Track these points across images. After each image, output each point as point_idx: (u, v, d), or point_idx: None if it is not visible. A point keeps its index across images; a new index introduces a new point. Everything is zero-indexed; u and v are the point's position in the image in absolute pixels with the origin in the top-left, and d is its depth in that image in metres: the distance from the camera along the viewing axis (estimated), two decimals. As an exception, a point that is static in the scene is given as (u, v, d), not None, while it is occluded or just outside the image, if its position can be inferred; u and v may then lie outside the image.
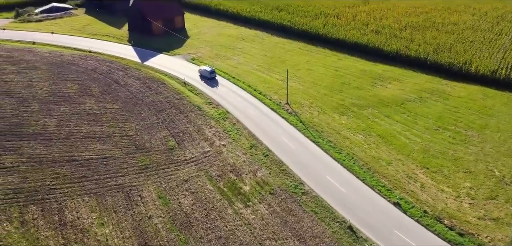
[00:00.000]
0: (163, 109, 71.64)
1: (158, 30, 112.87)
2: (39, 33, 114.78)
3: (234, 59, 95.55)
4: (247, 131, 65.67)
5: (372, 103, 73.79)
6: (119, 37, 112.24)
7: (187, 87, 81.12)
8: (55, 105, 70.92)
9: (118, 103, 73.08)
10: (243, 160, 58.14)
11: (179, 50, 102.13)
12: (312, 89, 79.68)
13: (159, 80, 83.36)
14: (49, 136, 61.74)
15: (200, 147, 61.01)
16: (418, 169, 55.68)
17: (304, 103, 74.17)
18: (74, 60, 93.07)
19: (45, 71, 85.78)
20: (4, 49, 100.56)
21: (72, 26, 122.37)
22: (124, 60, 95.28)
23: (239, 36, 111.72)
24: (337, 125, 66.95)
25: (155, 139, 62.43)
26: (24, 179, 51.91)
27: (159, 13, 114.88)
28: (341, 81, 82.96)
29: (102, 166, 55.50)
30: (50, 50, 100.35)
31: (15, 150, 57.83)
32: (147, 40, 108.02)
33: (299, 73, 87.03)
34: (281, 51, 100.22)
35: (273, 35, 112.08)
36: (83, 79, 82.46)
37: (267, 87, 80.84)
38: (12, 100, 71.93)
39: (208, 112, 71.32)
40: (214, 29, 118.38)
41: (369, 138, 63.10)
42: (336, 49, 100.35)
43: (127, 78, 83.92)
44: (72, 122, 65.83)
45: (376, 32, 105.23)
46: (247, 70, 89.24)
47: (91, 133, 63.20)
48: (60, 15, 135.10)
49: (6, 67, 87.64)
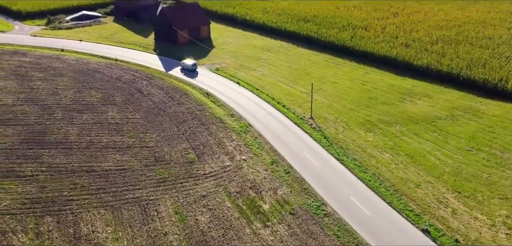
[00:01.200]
0: (185, 120, 70.64)
1: (183, 39, 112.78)
2: (68, 41, 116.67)
3: (259, 70, 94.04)
4: (269, 146, 63.76)
5: (401, 120, 70.62)
6: (145, 46, 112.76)
7: (210, 99, 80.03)
8: (77, 114, 71.04)
9: (140, 113, 72.61)
10: (264, 176, 56.21)
11: (204, 60, 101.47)
12: (337, 103, 77.16)
13: (182, 91, 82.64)
14: (69, 144, 61.59)
15: (220, 161, 59.49)
16: (449, 193, 52.32)
17: (329, 118, 71.74)
18: (100, 68, 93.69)
19: (71, 79, 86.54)
20: (33, 56, 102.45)
21: (100, 34, 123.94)
22: (149, 69, 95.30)
23: (265, 47, 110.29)
24: (363, 142, 64.20)
25: (175, 151, 61.33)
26: (42, 189, 51.59)
27: (185, 22, 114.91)
28: (368, 96, 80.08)
29: (120, 177, 54.69)
30: (77, 58, 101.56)
31: (36, 158, 57.81)
32: (172, 49, 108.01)
33: (324, 86, 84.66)
34: (307, 63, 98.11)
35: (299, 46, 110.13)
36: (107, 87, 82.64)
37: (291, 100, 78.83)
38: (36, 108, 72.53)
39: (230, 125, 69.85)
40: (240, 39, 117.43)
41: (397, 157, 60.07)
42: (364, 62, 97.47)
43: (151, 87, 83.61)
44: (93, 131, 65.60)
45: (406, 46, 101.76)
46: (271, 82, 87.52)
47: (111, 143, 62.69)
48: (90, 23, 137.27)
49: (34, 74, 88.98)
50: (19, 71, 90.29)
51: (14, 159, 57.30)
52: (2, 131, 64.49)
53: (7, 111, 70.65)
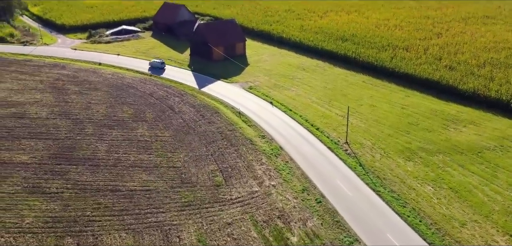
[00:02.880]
0: (214, 140, 68.64)
1: (218, 56, 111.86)
2: (106, 55, 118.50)
3: (293, 90, 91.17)
4: (300, 171, 60.48)
5: (444, 149, 65.56)
6: (180, 62, 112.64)
7: (241, 118, 77.82)
8: (108, 130, 70.59)
9: (169, 131, 71.32)
10: (293, 205, 52.94)
11: (237, 77, 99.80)
12: (374, 128, 72.94)
13: (214, 109, 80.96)
14: (97, 161, 60.82)
15: (248, 185, 56.78)
16: (499, 235, 47.10)
17: (365, 144, 67.66)
18: (134, 84, 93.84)
19: (105, 93, 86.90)
20: (72, 69, 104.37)
21: (137, 49, 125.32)
22: (182, 85, 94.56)
23: (300, 65, 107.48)
24: (402, 172, 59.72)
25: (202, 173, 59.21)
26: (65, 207, 50.64)
27: (221, 39, 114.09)
28: (408, 121, 75.37)
29: (145, 199, 53.02)
30: (113, 72, 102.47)
31: (63, 174, 57.27)
32: (206, 66, 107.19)
33: (361, 109, 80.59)
34: (343, 84, 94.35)
35: (335, 66, 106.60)
36: (139, 103, 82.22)
37: (326, 122, 75.33)
38: (68, 122, 72.77)
39: (260, 147, 67.17)
40: (275, 57, 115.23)
41: (440, 191, 55.23)
42: (404, 85, 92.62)
43: (182, 104, 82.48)
44: (122, 149, 64.69)
45: (450, 68, 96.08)
46: (305, 102, 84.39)
47: (138, 161, 61.43)
48: (128, 38, 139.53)
49: (70, 87, 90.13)
50: (56, 84, 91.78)
51: (41, 174, 56.99)
52: (33, 144, 64.75)
53: (41, 125, 71.18)
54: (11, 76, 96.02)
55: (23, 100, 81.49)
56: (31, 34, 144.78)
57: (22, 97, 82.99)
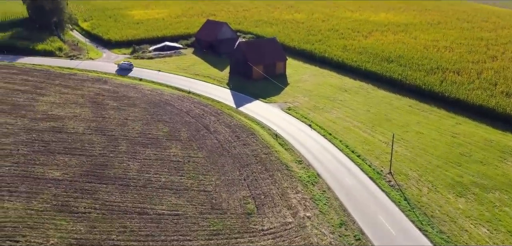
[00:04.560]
0: (248, 164, 65.66)
1: (258, 75, 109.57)
2: (147, 70, 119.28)
3: (333, 112, 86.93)
4: (338, 203, 56.17)
5: (501, 185, 59.14)
6: (219, 79, 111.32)
7: (278, 141, 74.53)
8: (141, 148, 69.41)
9: (203, 151, 69.15)
10: (330, 241, 48.74)
11: (276, 97, 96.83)
12: (421, 158, 67.36)
13: (250, 130, 78.20)
14: (127, 181, 59.37)
15: (281, 215, 53.16)
16: None
17: (411, 176, 62.32)
18: (172, 101, 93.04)
19: (142, 110, 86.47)
20: (113, 84, 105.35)
21: (178, 65, 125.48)
22: (219, 104, 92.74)
23: (342, 87, 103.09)
24: (452, 210, 54.05)
25: (233, 199, 56.26)
26: (91, 229, 49.13)
27: (261, 57, 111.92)
28: (459, 151, 69.22)
29: (172, 224, 50.66)
30: (153, 88, 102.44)
31: (92, 193, 56.13)
32: (245, 85, 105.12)
33: (407, 136, 75.15)
34: (388, 107, 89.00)
35: (379, 88, 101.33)
36: (175, 121, 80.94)
37: (368, 150, 70.55)
38: (103, 138, 72.35)
39: (296, 173, 63.45)
40: (316, 77, 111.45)
41: (496, 234, 49.21)
42: (455, 111, 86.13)
43: (218, 124, 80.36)
44: (153, 169, 63.03)
45: (507, 95, 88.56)
46: (346, 126, 79.93)
47: (169, 183, 59.42)
48: (170, 54, 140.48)
49: (109, 102, 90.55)
50: (96, 99, 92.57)
51: (71, 192, 56.12)
52: (67, 160, 64.47)
53: (76, 140, 71.16)
54: (55, 89, 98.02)
55: (62, 114, 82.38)
56: (78, 48, 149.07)
57: (62, 111, 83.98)
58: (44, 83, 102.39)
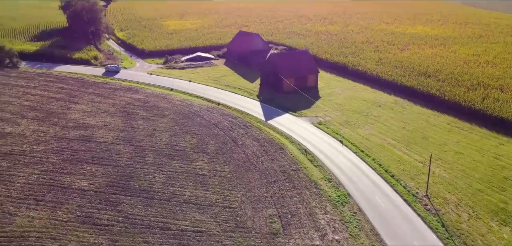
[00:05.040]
0: (276, 180, 63.45)
1: (288, 87, 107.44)
2: (178, 81, 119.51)
3: (366, 128, 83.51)
4: (370, 226, 53.00)
5: (550, 214, 54.23)
6: (249, 91, 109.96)
7: (307, 156, 71.98)
8: (168, 160, 68.55)
9: (229, 165, 67.52)
10: (359, 268, 45.75)
11: (307, 111, 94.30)
12: (461, 180, 63.08)
13: (278, 144, 76.03)
14: (152, 194, 58.42)
15: (308, 237, 50.57)
16: None
17: (450, 200, 58.28)
18: (201, 112, 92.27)
19: (171, 121, 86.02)
20: (144, 94, 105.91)
21: (209, 76, 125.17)
22: (248, 116, 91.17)
23: (376, 101, 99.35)
24: (495, 239, 49.82)
25: (259, 217, 54.14)
26: (113, 243, 48.21)
27: (292, 70, 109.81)
28: (503, 174, 64.45)
29: (195, 241, 49.07)
30: (183, 99, 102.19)
31: (116, 205, 55.44)
32: (276, 97, 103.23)
33: (445, 156, 70.87)
34: (425, 125, 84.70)
35: (416, 104, 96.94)
36: (203, 133, 79.88)
37: (403, 169, 66.86)
38: (131, 148, 72.06)
39: (326, 192, 60.67)
40: (348, 91, 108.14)
41: (546, 270, 44.73)
42: (498, 130, 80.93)
43: (246, 137, 78.67)
44: (179, 182, 61.88)
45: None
46: (379, 144, 76.41)
47: (193, 197, 58.01)
48: (202, 64, 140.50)
49: (138, 112, 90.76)
50: (127, 108, 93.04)
51: (96, 203, 55.67)
52: (94, 170, 64.36)
53: (104, 150, 71.19)
54: (88, 98, 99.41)
55: (93, 123, 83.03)
56: (113, 57, 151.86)
57: (93, 120, 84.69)
58: (78, 92, 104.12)
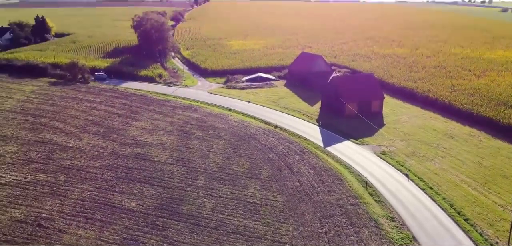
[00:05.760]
0: (331, 215, 58.47)
1: (351, 112, 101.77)
2: (237, 101, 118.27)
3: (436, 162, 75.75)
4: (438, 278, 46.35)
5: None
6: (309, 115, 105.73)
7: (368, 190, 66.15)
8: (219, 184, 66.13)
9: (282, 195, 63.61)
10: None
11: (369, 139, 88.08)
12: (551, 231, 53.94)
13: (336, 174, 70.91)
14: (200, 220, 55.99)
15: (365, 285, 45.11)
16: None
17: (537, 254, 49.81)
18: (257, 134, 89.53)
19: (226, 142, 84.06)
20: (202, 113, 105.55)
21: (268, 97, 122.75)
22: (306, 141, 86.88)
23: (447, 132, 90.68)
24: None
25: (310, 256, 49.58)
26: (154, 271, 46.13)
27: (355, 94, 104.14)
28: None
29: (239, 277, 45.60)
30: (240, 120, 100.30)
31: (162, 230, 53.60)
32: (336, 122, 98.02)
33: (531, 200, 61.70)
34: (505, 162, 75.24)
35: (495, 137, 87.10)
36: (257, 158, 76.85)
37: (479, 213, 58.92)
38: (183, 169, 70.68)
39: (388, 233, 54.63)
40: (416, 119, 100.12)
41: None
42: None
43: (302, 165, 74.42)
44: (228, 209, 59.01)
45: None
46: (451, 180, 68.60)
47: (242, 227, 54.73)
48: (262, 85, 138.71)
49: (195, 132, 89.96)
50: (184, 127, 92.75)
51: (142, 226, 54.24)
52: (145, 190, 63.51)
53: (157, 169, 70.45)
54: (148, 115, 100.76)
55: (150, 141, 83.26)
56: (177, 75, 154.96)
57: (150, 137, 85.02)
58: (140, 108, 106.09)
